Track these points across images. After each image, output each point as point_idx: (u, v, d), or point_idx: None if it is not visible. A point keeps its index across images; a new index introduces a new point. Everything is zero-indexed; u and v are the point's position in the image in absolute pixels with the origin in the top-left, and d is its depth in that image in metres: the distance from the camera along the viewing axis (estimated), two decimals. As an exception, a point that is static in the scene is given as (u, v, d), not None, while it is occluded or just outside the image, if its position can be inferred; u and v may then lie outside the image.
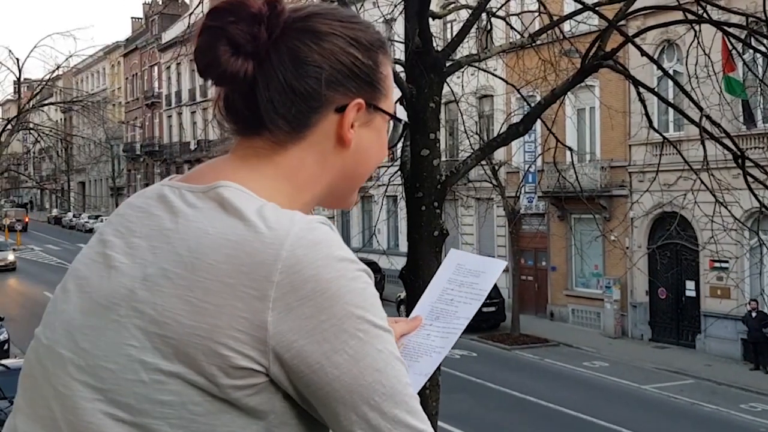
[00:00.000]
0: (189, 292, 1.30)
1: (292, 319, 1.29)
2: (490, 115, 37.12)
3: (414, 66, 10.65)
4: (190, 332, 1.28)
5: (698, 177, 12.19)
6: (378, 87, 1.55)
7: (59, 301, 1.44)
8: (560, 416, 22.76)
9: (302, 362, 1.30)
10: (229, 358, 1.28)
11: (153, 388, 1.29)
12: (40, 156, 69.00)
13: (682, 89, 12.07)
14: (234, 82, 1.45)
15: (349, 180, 1.58)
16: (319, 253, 1.32)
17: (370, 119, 1.55)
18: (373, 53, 1.53)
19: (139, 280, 1.34)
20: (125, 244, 1.41)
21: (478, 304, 2.01)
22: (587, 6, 12.04)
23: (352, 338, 1.31)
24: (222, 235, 1.33)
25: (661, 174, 13.68)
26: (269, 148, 1.49)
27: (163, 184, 1.49)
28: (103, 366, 1.32)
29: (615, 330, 32.66)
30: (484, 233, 39.50)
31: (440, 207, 10.72)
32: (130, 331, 1.31)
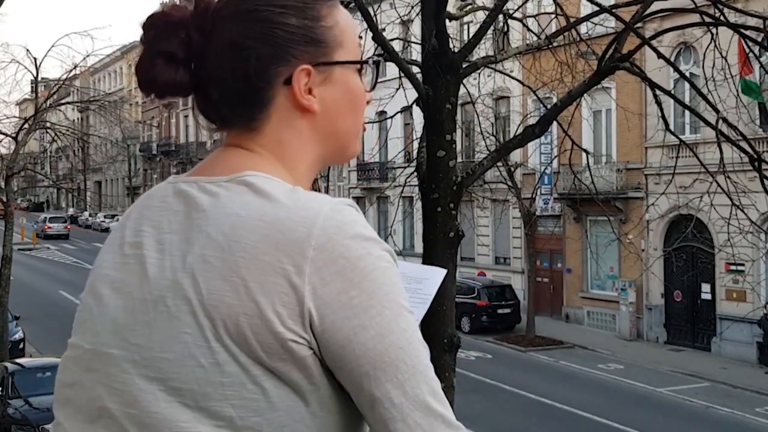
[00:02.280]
0: (231, 273, 1.33)
1: (325, 294, 1.32)
2: (506, 117, 37.08)
3: (430, 67, 10.65)
4: (238, 311, 1.31)
5: (714, 180, 12.17)
6: (323, 42, 1.51)
7: (93, 307, 1.46)
8: (575, 418, 22.72)
9: (332, 337, 1.33)
10: (278, 333, 1.31)
11: (212, 371, 1.32)
12: (56, 155, 69.21)
13: (698, 92, 12.05)
14: (170, 90, 1.50)
15: (335, 139, 1.57)
16: (348, 231, 1.36)
17: (326, 76, 1.52)
18: (309, 10, 1.50)
19: (180, 269, 1.37)
20: (156, 241, 1.43)
21: (425, 307, 2.04)
22: (604, 8, 12.04)
23: (378, 314, 1.34)
24: (256, 217, 1.36)
25: (677, 176, 13.65)
26: (250, 137, 1.51)
27: (174, 181, 1.52)
28: (161, 357, 1.35)
29: (630, 332, 32.58)
30: (499, 235, 39.44)
31: (456, 208, 10.72)
32: (181, 319, 1.34)
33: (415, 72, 11.24)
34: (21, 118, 35.58)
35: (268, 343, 1.31)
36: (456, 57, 10.91)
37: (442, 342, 9.99)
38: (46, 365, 20.63)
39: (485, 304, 33.87)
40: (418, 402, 1.35)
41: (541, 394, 24.75)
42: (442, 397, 1.40)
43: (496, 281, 36.46)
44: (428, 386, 1.37)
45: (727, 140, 11.58)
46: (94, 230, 78.07)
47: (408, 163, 16.19)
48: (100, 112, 38.03)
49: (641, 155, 32.54)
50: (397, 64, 10.98)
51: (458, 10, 13.82)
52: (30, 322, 30.97)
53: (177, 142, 77.05)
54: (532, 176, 35.11)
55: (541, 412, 23.31)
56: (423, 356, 1.39)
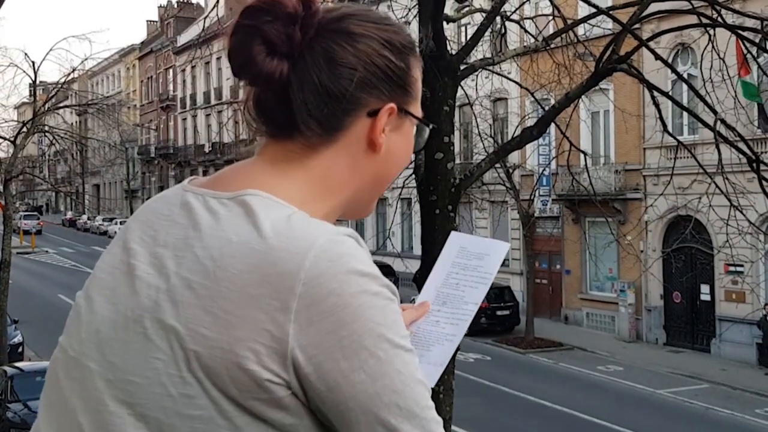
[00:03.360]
0: (212, 303, 1.27)
1: (312, 334, 1.26)
2: (504, 119, 37.09)
3: (428, 69, 10.62)
4: (214, 345, 1.25)
5: (713, 181, 12.16)
6: (409, 90, 1.51)
7: (84, 311, 1.42)
8: (574, 420, 22.72)
9: (319, 378, 1.26)
10: (253, 371, 1.25)
11: (181, 402, 1.27)
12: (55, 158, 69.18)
13: (696, 93, 12.04)
14: (269, 82, 1.41)
15: (376, 185, 1.54)
16: (343, 266, 1.28)
17: (400, 123, 1.51)
18: (405, 56, 1.50)
19: (163, 291, 1.31)
20: (149, 253, 1.38)
21: (486, 287, 1.95)
22: (601, 10, 12.04)
23: (371, 357, 1.27)
24: (246, 244, 1.29)
25: (675, 177, 13.63)
26: (301, 151, 1.45)
27: (186, 189, 1.46)
28: (131, 380, 1.30)
29: (629, 334, 32.59)
30: (498, 236, 39.09)
31: (454, 210, 10.71)
32: (155, 343, 1.29)
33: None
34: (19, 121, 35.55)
35: (241, 380, 1.25)
36: (453, 59, 10.91)
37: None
38: (45, 369, 20.22)
39: (484, 305, 33.81)
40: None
41: (540, 396, 24.75)
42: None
43: (494, 283, 36.16)
44: (424, 429, 1.31)
45: (726, 141, 11.57)
46: (92, 233, 78.09)
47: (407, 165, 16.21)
48: (99, 115, 38.05)
49: (639, 156, 32.57)
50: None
51: (456, 13, 13.81)
52: (29, 325, 30.94)
53: (175, 145, 77.05)
54: (530, 178, 35.12)
55: (540, 414, 23.31)
56: (420, 397, 1.32)
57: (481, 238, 2.03)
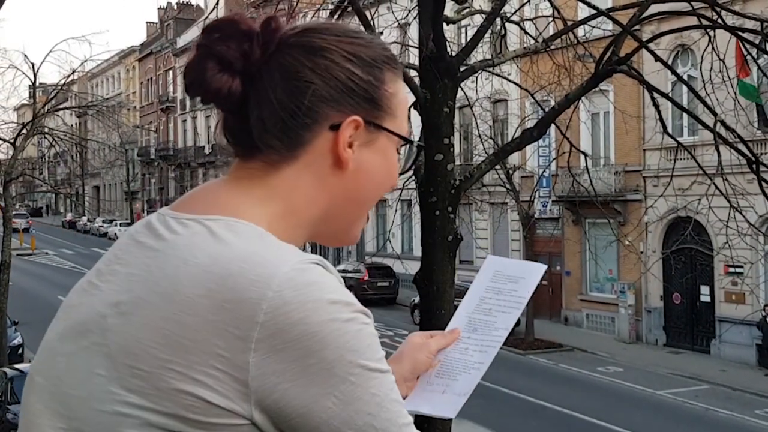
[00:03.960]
0: (164, 324, 1.23)
1: (276, 362, 1.21)
2: (504, 120, 37.11)
3: (428, 71, 10.65)
4: (162, 365, 1.22)
5: (713, 182, 12.16)
6: (380, 104, 1.46)
7: (49, 330, 1.42)
8: (574, 421, 22.71)
9: (287, 405, 1.22)
10: (204, 396, 1.20)
11: (115, 420, 1.23)
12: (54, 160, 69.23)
13: (696, 94, 12.05)
14: (218, 98, 1.40)
15: (352, 205, 1.49)
16: (310, 295, 1.24)
17: (372, 139, 1.46)
18: (376, 69, 1.45)
19: (111, 306, 1.29)
20: (108, 271, 1.37)
21: (518, 312, 1.89)
22: (601, 11, 12.04)
23: (342, 382, 1.24)
24: (204, 267, 1.25)
25: (675, 179, 13.64)
26: (263, 170, 1.42)
27: (157, 212, 1.44)
28: (71, 393, 1.28)
29: (629, 335, 32.59)
30: (498, 238, 39.44)
31: (454, 212, 10.72)
32: (98, 358, 1.26)
33: (412, 76, 11.24)
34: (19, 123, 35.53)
35: (191, 404, 1.21)
36: (453, 60, 10.91)
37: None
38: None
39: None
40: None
41: (540, 397, 24.74)
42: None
43: (494, 284, 36.40)
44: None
45: (725, 142, 11.59)
46: (92, 235, 78.04)
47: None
48: (98, 117, 38.06)
49: (639, 158, 32.58)
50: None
51: (456, 14, 13.81)
52: (29, 327, 30.86)
53: (175, 147, 77.07)
54: (530, 179, 35.11)
55: (540, 415, 23.31)
56: (396, 416, 1.29)
57: (517, 261, 1.99)
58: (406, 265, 22.08)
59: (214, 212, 1.35)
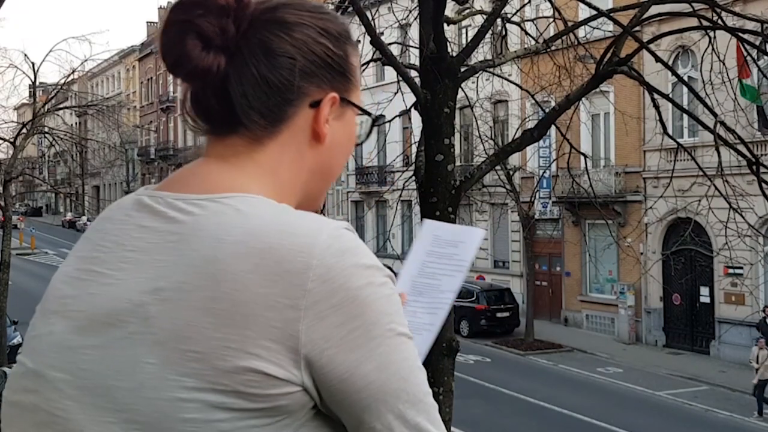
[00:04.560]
0: (214, 304, 1.24)
1: (323, 328, 1.25)
2: (504, 121, 37.12)
3: (429, 71, 10.64)
4: (219, 344, 1.22)
5: (712, 183, 12.16)
6: (350, 78, 1.50)
7: (41, 324, 1.38)
8: (574, 422, 22.72)
9: (332, 371, 1.26)
10: (261, 368, 1.23)
11: (175, 406, 1.23)
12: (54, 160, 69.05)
13: (696, 95, 12.04)
14: (206, 77, 1.39)
15: (324, 177, 1.52)
16: (348, 261, 1.29)
17: (342, 112, 1.50)
18: (343, 44, 1.48)
19: (149, 294, 1.27)
20: (117, 259, 1.34)
21: (462, 275, 1.90)
22: (602, 12, 12.03)
23: (379, 346, 1.28)
24: (245, 243, 1.27)
25: (675, 180, 13.64)
26: (247, 146, 1.43)
27: (140, 194, 1.42)
28: (116, 385, 1.26)
29: (629, 336, 32.61)
30: (498, 238, 39.45)
31: (455, 212, 10.71)
32: (145, 347, 1.25)
33: (413, 76, 11.24)
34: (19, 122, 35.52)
35: (248, 378, 1.23)
36: (454, 61, 10.91)
37: (440, 346, 9.98)
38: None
39: (484, 307, 33.89)
40: (419, 430, 1.31)
41: (540, 398, 24.75)
42: (440, 425, 1.36)
43: (495, 285, 36.47)
44: (428, 415, 1.33)
45: (725, 144, 11.58)
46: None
47: (406, 167, 16.20)
48: (98, 116, 38.00)
49: (639, 159, 32.58)
50: (395, 68, 10.97)
51: (456, 14, 13.83)
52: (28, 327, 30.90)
53: (175, 146, 77.04)
54: (530, 180, 35.12)
55: (540, 416, 23.31)
56: (423, 384, 1.34)
57: (455, 226, 2.02)
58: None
59: (220, 191, 1.36)
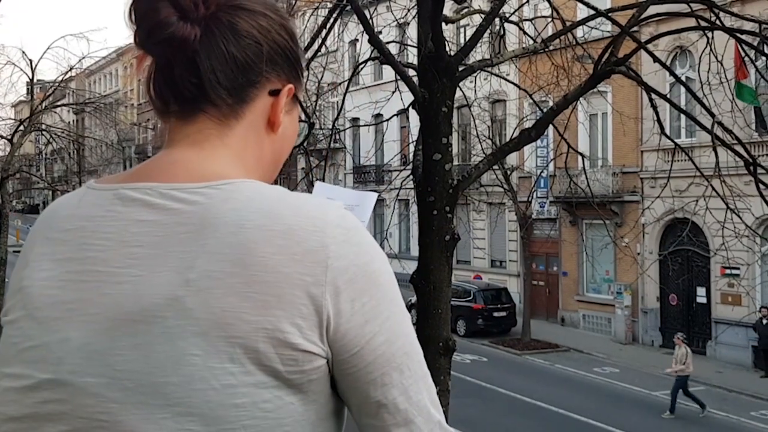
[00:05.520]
0: (247, 288, 1.27)
1: (339, 302, 1.31)
2: (502, 120, 37.10)
3: (427, 70, 10.63)
4: (257, 327, 1.26)
5: (710, 184, 12.17)
6: (300, 78, 1.54)
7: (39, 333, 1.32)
8: (570, 422, 22.73)
9: (345, 345, 1.32)
10: (298, 344, 1.28)
11: (226, 393, 1.25)
12: (52, 157, 69.13)
13: (694, 96, 12.04)
14: (181, 48, 1.38)
15: (274, 166, 1.55)
16: (355, 238, 1.36)
17: (291, 108, 1.54)
18: (296, 43, 1.52)
19: (181, 286, 1.27)
20: (122, 256, 1.32)
21: None
22: (600, 12, 12.03)
23: (387, 319, 1.35)
24: (265, 228, 1.30)
25: (672, 180, 13.65)
26: (216, 129, 1.43)
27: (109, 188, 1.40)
28: (163, 381, 1.25)
29: (626, 336, 32.62)
30: (495, 238, 39.48)
31: (452, 211, 10.70)
32: (187, 340, 1.25)
33: (411, 75, 11.23)
34: (16, 120, 35.55)
35: (287, 355, 1.27)
36: (452, 60, 10.89)
37: (437, 345, 9.98)
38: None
39: (481, 307, 33.90)
40: (420, 408, 1.36)
41: (536, 398, 24.76)
42: (438, 404, 1.41)
43: (491, 284, 36.49)
44: (428, 393, 1.39)
45: (723, 144, 11.58)
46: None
47: (404, 166, 16.20)
48: (96, 114, 38.04)
49: (637, 159, 32.59)
50: (393, 67, 10.96)
51: (455, 14, 13.81)
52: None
53: (173, 145, 76.95)
54: (528, 179, 35.14)
55: (536, 416, 23.32)
56: (423, 361, 1.40)
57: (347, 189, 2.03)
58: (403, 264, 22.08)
59: (212, 178, 1.37)
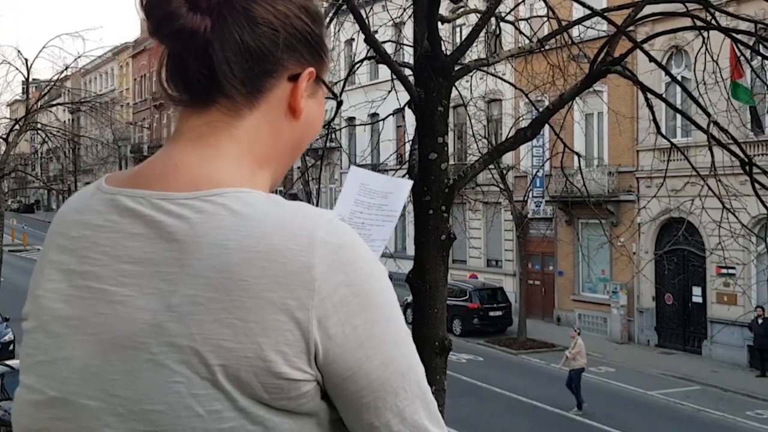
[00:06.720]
0: (228, 315, 1.23)
1: (329, 327, 1.26)
2: (498, 119, 37.12)
3: (422, 69, 10.63)
4: (239, 355, 1.22)
5: (705, 183, 12.17)
6: (324, 59, 1.50)
7: (50, 347, 1.34)
8: (566, 421, 22.77)
9: (335, 369, 1.28)
10: (283, 373, 1.24)
11: (212, 419, 1.23)
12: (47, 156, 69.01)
13: (689, 95, 12.06)
14: (191, 39, 1.36)
15: (295, 152, 1.52)
16: (348, 257, 1.29)
17: (315, 90, 1.50)
18: (319, 25, 1.48)
19: (163, 311, 1.25)
20: (115, 272, 1.30)
21: (392, 225, 1.91)
22: (596, 11, 12.03)
23: (381, 342, 1.30)
24: (249, 249, 1.25)
25: (668, 180, 13.65)
26: (225, 120, 1.40)
27: (111, 192, 1.38)
28: (151, 409, 1.24)
29: (621, 335, 32.66)
30: (491, 237, 39.48)
31: (448, 211, 10.69)
32: (171, 367, 1.24)
33: (407, 74, 11.22)
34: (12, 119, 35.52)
35: (271, 383, 1.24)
36: (448, 60, 10.89)
37: (433, 345, 9.98)
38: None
39: (477, 306, 33.91)
40: (416, 428, 1.33)
41: (531, 397, 24.80)
42: (438, 418, 1.38)
43: (487, 284, 36.50)
44: (426, 410, 1.35)
45: (719, 144, 11.58)
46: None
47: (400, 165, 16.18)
48: (91, 113, 38.04)
49: (633, 158, 32.61)
50: (389, 67, 10.96)
51: (450, 13, 13.80)
52: (19, 323, 30.84)
53: (168, 144, 76.88)
54: (524, 179, 35.15)
55: (531, 415, 23.36)
56: (421, 379, 1.36)
57: (383, 176, 2.01)
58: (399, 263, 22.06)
59: (205, 185, 1.33)
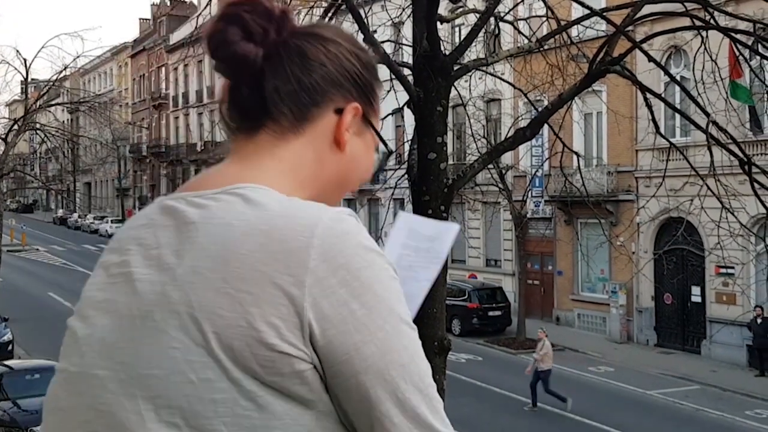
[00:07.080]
0: (225, 284, 1.29)
1: (326, 307, 1.29)
2: (497, 119, 37.11)
3: (422, 69, 10.64)
4: (232, 323, 1.27)
5: (705, 183, 12.18)
6: (373, 104, 1.59)
7: (79, 330, 1.41)
8: (565, 421, 22.75)
9: (333, 351, 1.30)
10: (273, 345, 1.27)
11: (203, 387, 1.27)
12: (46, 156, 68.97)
13: (688, 95, 12.06)
14: (243, 65, 1.48)
15: (339, 186, 1.58)
16: (349, 242, 1.34)
17: (363, 131, 1.57)
18: (371, 73, 1.58)
19: (170, 283, 1.33)
20: (143, 258, 1.39)
21: (438, 267, 1.94)
22: (595, 11, 12.04)
23: (380, 329, 1.31)
24: (250, 225, 1.32)
25: (667, 179, 13.65)
26: (270, 141, 1.50)
27: (164, 199, 1.48)
28: (148, 374, 1.30)
29: (620, 335, 32.63)
30: (490, 237, 39.47)
31: (447, 210, 10.70)
32: (169, 333, 1.30)
33: (406, 74, 11.23)
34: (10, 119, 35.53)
35: (263, 356, 1.27)
36: (447, 59, 10.90)
37: (432, 345, 9.99)
38: (35, 367, 20.60)
39: (476, 306, 33.89)
40: (417, 421, 1.33)
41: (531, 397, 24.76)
42: (442, 415, 1.38)
43: (486, 284, 36.49)
44: (428, 405, 1.35)
45: (717, 143, 11.59)
46: (83, 232, 77.88)
47: (399, 165, 16.18)
48: (90, 113, 38.05)
49: (632, 158, 32.60)
50: (388, 67, 10.96)
51: (450, 13, 13.81)
52: (19, 323, 30.85)
53: (167, 144, 76.90)
54: (523, 179, 35.16)
55: (531, 415, 23.34)
56: (424, 373, 1.36)
57: (430, 220, 2.04)
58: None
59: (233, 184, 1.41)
